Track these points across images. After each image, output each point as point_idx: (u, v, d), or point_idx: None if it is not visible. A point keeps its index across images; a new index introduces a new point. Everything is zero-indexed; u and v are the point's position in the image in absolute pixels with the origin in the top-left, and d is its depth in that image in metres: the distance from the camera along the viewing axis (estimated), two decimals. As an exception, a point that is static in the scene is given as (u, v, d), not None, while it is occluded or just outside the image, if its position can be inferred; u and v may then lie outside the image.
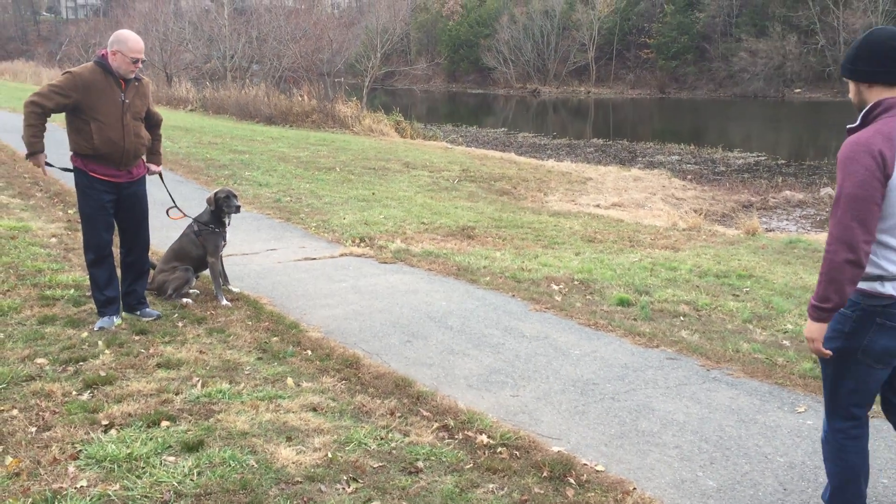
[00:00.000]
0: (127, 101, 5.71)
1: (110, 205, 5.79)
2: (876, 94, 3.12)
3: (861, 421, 3.31)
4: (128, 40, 5.58)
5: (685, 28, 61.53)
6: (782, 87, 56.17)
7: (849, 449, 3.31)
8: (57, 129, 7.08)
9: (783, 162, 25.45)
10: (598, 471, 4.01)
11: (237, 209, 6.81)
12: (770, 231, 14.05)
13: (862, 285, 3.12)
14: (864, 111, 3.15)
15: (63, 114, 5.62)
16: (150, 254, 6.34)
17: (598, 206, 15.71)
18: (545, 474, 3.91)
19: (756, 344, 6.01)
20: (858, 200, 2.96)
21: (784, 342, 6.13)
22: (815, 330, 3.13)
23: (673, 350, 5.85)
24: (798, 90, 55.74)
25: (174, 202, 6.72)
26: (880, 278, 3.09)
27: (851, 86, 3.24)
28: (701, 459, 4.18)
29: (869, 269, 3.09)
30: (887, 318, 3.10)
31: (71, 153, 5.68)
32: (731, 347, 5.91)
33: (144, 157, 6.12)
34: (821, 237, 12.45)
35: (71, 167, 5.77)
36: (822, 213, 16.99)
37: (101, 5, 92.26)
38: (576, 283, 7.74)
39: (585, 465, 4.06)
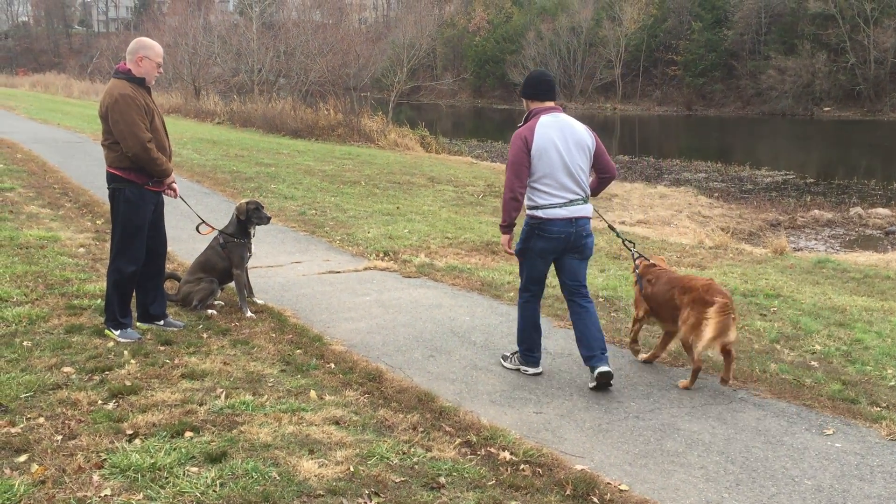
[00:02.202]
0: (157, 107, 5.85)
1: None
2: (532, 106, 5.48)
3: (536, 292, 5.64)
4: (154, 45, 5.81)
5: (713, 45, 61.28)
6: (811, 106, 55.69)
7: (529, 307, 5.65)
8: (87, 141, 7.17)
9: (812, 181, 25.18)
10: (622, 490, 3.97)
11: (267, 220, 6.87)
12: (798, 250, 13.90)
13: (529, 213, 5.42)
14: (525, 115, 5.49)
15: (102, 129, 5.74)
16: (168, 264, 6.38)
17: (623, 222, 15.62)
18: (568, 492, 3.88)
19: (783, 364, 5.93)
20: (515, 164, 5.31)
21: (812, 363, 6.04)
22: (503, 239, 5.60)
23: (699, 369, 5.78)
24: (827, 108, 55.24)
25: (201, 218, 6.76)
26: (536, 207, 5.35)
27: (524, 102, 5.55)
28: (727, 481, 4.12)
29: (529, 203, 5.40)
30: (540, 231, 5.36)
31: (121, 168, 5.70)
32: (757, 367, 5.84)
33: None
34: (850, 257, 12.30)
35: (120, 181, 5.78)
36: (852, 233, 16.78)
37: (131, 19, 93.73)
38: (600, 300, 7.69)
39: (609, 483, 4.02)
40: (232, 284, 6.88)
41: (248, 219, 6.79)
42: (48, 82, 57.93)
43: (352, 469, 3.92)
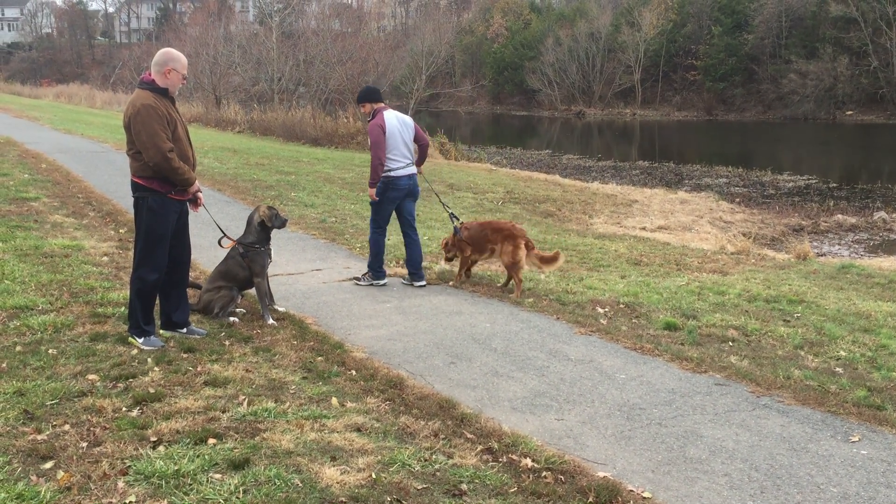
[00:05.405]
0: (181, 117, 5.92)
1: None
2: (375, 106, 8.04)
3: (384, 229, 8.25)
4: (180, 58, 5.89)
5: (733, 50, 60.90)
6: (833, 110, 55.15)
7: (380, 240, 8.17)
8: (109, 151, 7.23)
9: (835, 185, 24.94)
10: (644, 497, 3.95)
11: (285, 221, 6.98)
12: (822, 255, 13.77)
13: (384, 175, 7.95)
14: (372, 113, 8.01)
15: (126, 138, 5.81)
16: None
17: (643, 228, 15.56)
18: (591, 500, 3.86)
19: (808, 371, 5.87)
20: (378, 142, 7.84)
21: (837, 369, 5.98)
22: (370, 192, 8.07)
23: (721, 376, 5.75)
24: (850, 112, 54.70)
25: (223, 231, 6.84)
26: (390, 171, 7.97)
27: (366, 105, 8.09)
28: (751, 488, 4.09)
29: (387, 167, 7.92)
30: (393, 186, 8.05)
31: (144, 177, 5.76)
32: (781, 374, 5.78)
33: None
34: (874, 262, 12.18)
35: (144, 189, 5.84)
36: (876, 238, 16.61)
37: (153, 30, 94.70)
38: (621, 306, 7.66)
39: (632, 491, 4.00)
40: (253, 292, 6.92)
41: (273, 224, 6.86)
42: (71, 93, 58.55)
43: (374, 476, 3.93)
